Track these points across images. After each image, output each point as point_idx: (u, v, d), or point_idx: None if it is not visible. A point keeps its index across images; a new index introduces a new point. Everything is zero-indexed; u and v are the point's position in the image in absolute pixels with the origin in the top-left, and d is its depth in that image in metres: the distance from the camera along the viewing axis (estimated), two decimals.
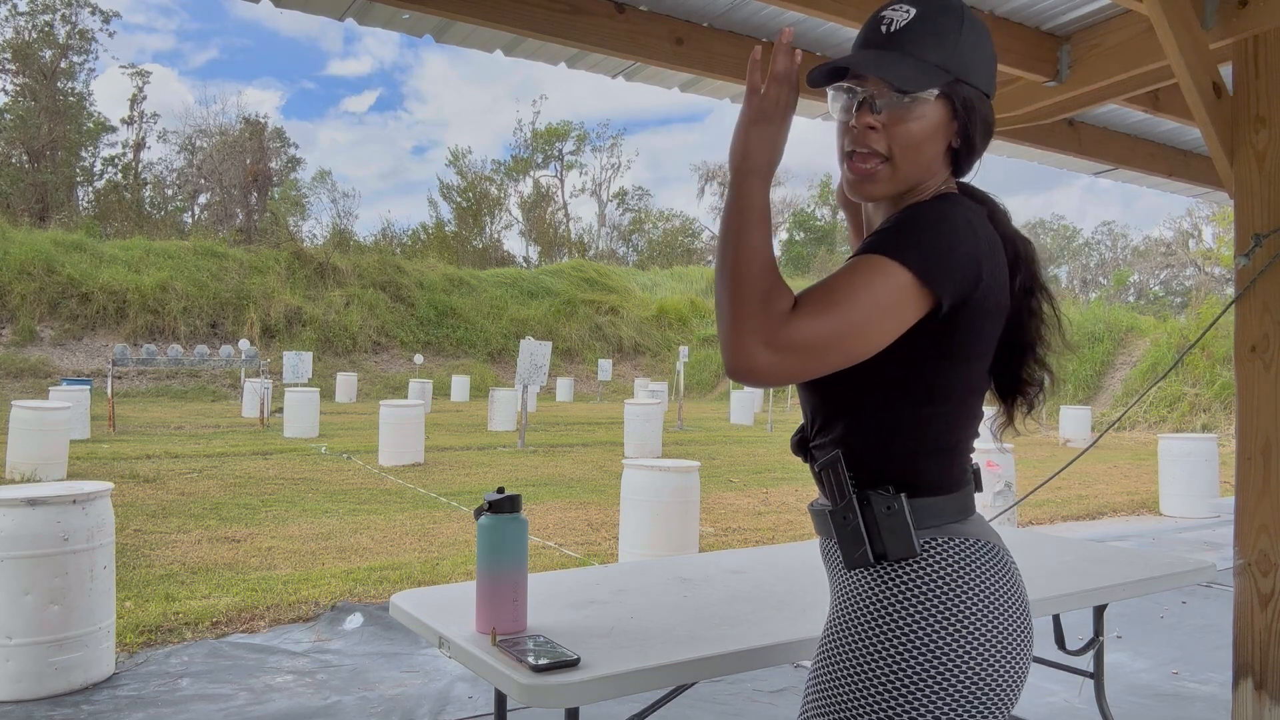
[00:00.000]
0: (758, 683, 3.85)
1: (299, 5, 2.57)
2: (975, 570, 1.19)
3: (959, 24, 1.22)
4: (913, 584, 1.18)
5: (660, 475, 5.68)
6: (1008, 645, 1.18)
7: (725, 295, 1.13)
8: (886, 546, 1.19)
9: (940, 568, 1.18)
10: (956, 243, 1.17)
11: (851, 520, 1.21)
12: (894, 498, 1.19)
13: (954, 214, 1.19)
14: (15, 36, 41.16)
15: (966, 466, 1.28)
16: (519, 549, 1.72)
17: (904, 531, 1.19)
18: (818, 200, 61.40)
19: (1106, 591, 2.27)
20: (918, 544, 1.19)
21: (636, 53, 2.90)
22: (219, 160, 47.72)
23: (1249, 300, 2.60)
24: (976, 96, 1.25)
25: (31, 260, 26.93)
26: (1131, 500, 10.05)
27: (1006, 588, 1.21)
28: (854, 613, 1.22)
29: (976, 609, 1.17)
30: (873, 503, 1.20)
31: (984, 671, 1.15)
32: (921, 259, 1.14)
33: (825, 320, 1.11)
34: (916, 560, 1.19)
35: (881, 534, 1.20)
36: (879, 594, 1.20)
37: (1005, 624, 1.18)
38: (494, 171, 57.65)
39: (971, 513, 1.27)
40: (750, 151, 1.17)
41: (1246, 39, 2.63)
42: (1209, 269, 37.16)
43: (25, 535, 3.54)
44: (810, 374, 1.13)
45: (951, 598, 1.17)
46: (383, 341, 32.34)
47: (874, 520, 1.20)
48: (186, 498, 8.74)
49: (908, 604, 1.17)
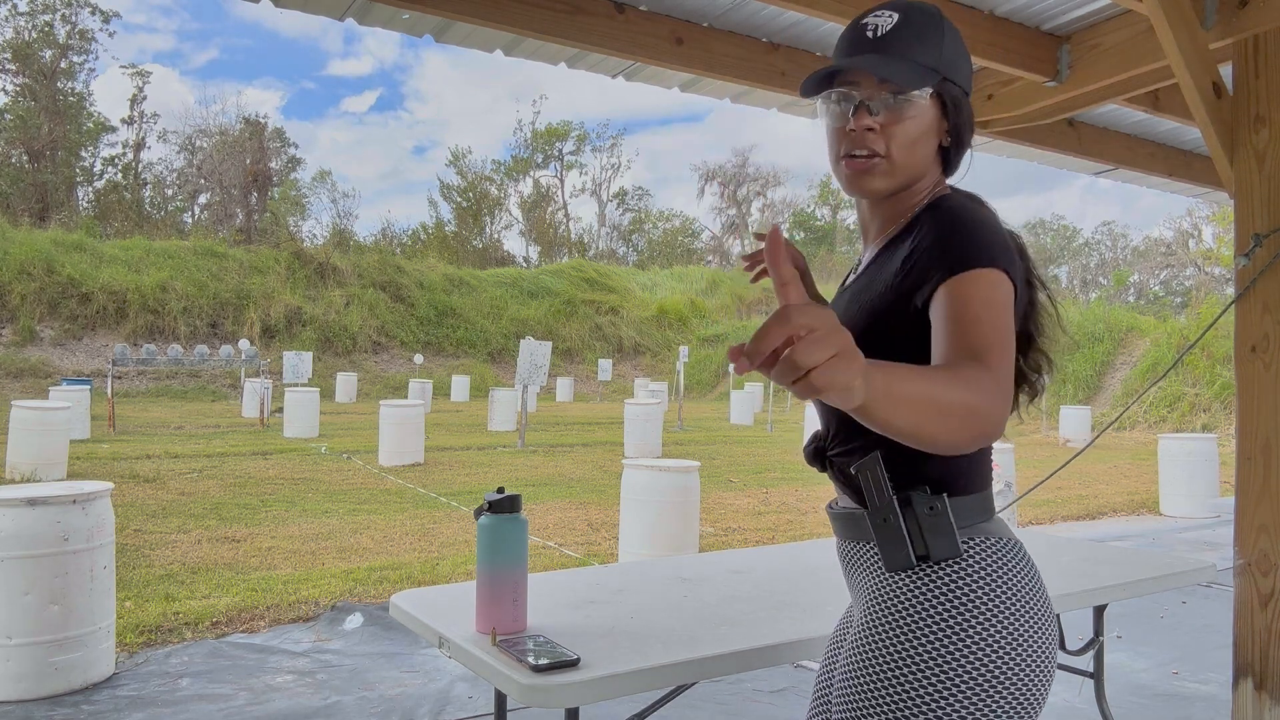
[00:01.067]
0: (758, 683, 3.85)
1: (299, 5, 2.57)
2: (1010, 570, 1.20)
3: (940, 26, 1.26)
4: (954, 585, 1.18)
5: (660, 475, 5.68)
6: (1043, 643, 1.19)
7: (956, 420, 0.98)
8: (930, 548, 1.19)
9: (978, 568, 1.19)
10: (1003, 237, 1.21)
11: (893, 522, 1.20)
12: (936, 498, 1.19)
13: (984, 212, 1.24)
14: (15, 36, 41.16)
15: (990, 464, 1.30)
16: (519, 549, 1.72)
17: (948, 532, 1.18)
18: (818, 200, 61.40)
19: (1106, 591, 2.27)
20: (960, 544, 1.19)
21: (636, 53, 2.90)
22: (219, 160, 47.71)
23: (1249, 300, 2.60)
24: (961, 95, 1.29)
25: (31, 260, 26.92)
26: (1131, 500, 10.05)
27: (1036, 586, 1.23)
28: (893, 616, 1.21)
29: (1014, 609, 1.18)
30: (914, 503, 1.20)
31: (1023, 670, 1.16)
32: (1002, 257, 1.16)
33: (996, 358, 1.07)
34: (958, 561, 1.19)
35: (925, 535, 1.19)
36: (919, 596, 1.19)
37: (1039, 622, 1.20)
38: (494, 171, 57.67)
39: (995, 511, 1.28)
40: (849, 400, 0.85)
41: (1246, 39, 2.63)
42: (1209, 269, 37.16)
43: (25, 535, 3.54)
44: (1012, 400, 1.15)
45: (991, 598, 1.17)
46: (383, 341, 32.33)
47: (915, 521, 1.20)
48: (186, 498, 8.74)
49: (950, 605, 1.17)
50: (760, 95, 3.38)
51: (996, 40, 3.01)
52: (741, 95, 3.39)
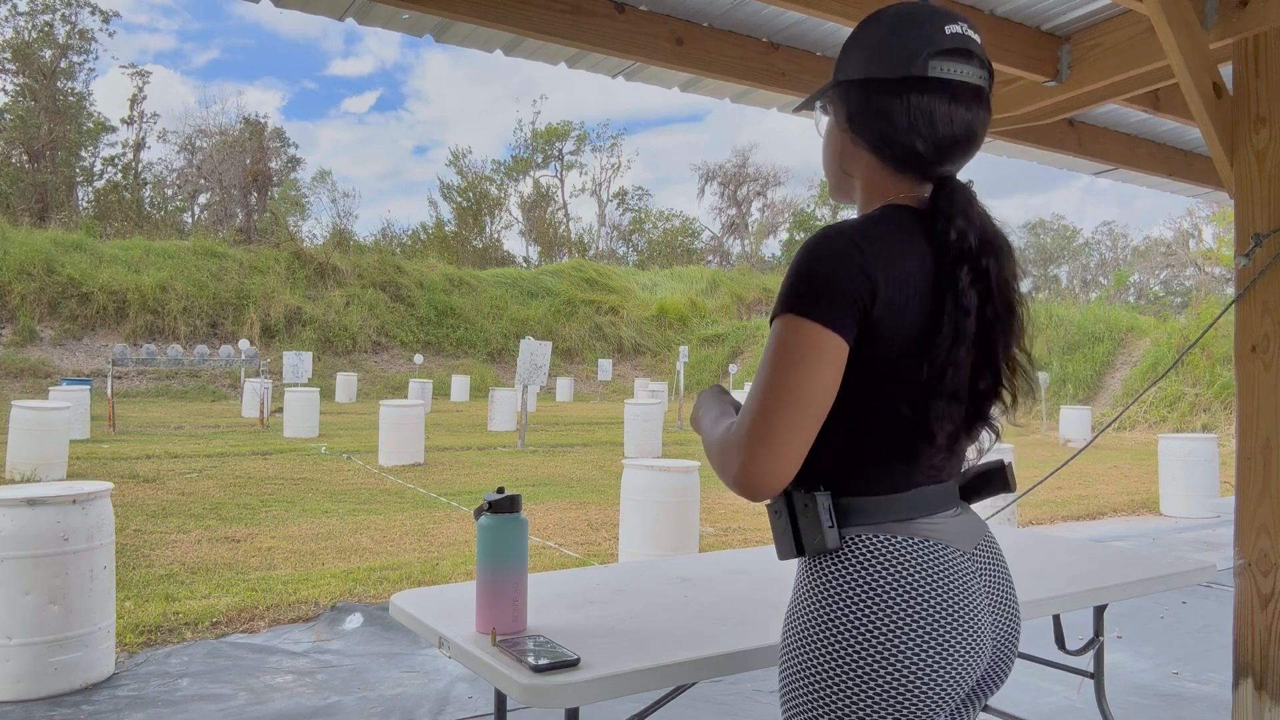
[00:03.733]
0: (758, 683, 3.85)
1: (299, 5, 2.57)
2: (900, 564, 1.20)
3: (863, 29, 1.26)
4: (834, 576, 1.22)
5: (660, 475, 5.68)
6: (930, 639, 1.17)
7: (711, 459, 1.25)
8: (804, 542, 1.25)
9: (861, 561, 1.21)
10: (823, 277, 1.15)
11: (781, 517, 1.27)
12: (808, 496, 1.23)
13: (822, 247, 1.17)
14: (15, 36, 41.17)
15: (915, 471, 1.25)
16: (519, 549, 1.72)
17: (816, 529, 1.23)
18: (818, 200, 61.36)
19: (1106, 591, 2.27)
20: (834, 539, 1.22)
21: (636, 53, 2.90)
22: (219, 160, 47.72)
23: (1249, 300, 2.60)
24: (855, 86, 1.25)
25: (31, 260, 26.92)
26: (1131, 500, 10.05)
27: (936, 583, 1.19)
28: (793, 603, 1.29)
29: (896, 601, 1.18)
30: (794, 500, 1.25)
31: (900, 662, 1.16)
32: (803, 302, 1.16)
33: (749, 409, 1.17)
34: (839, 554, 1.23)
35: (800, 529, 1.25)
36: (807, 585, 1.26)
37: (930, 617, 1.18)
38: (494, 171, 57.70)
39: (923, 515, 1.24)
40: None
41: (1246, 39, 2.63)
42: (1209, 269, 37.17)
43: (25, 535, 3.54)
44: (785, 460, 1.16)
45: (870, 589, 1.19)
46: (383, 341, 32.33)
47: (792, 516, 1.26)
48: (186, 498, 8.74)
49: (829, 594, 1.21)
50: (760, 95, 3.38)
51: (996, 40, 3.01)
52: (741, 95, 3.39)
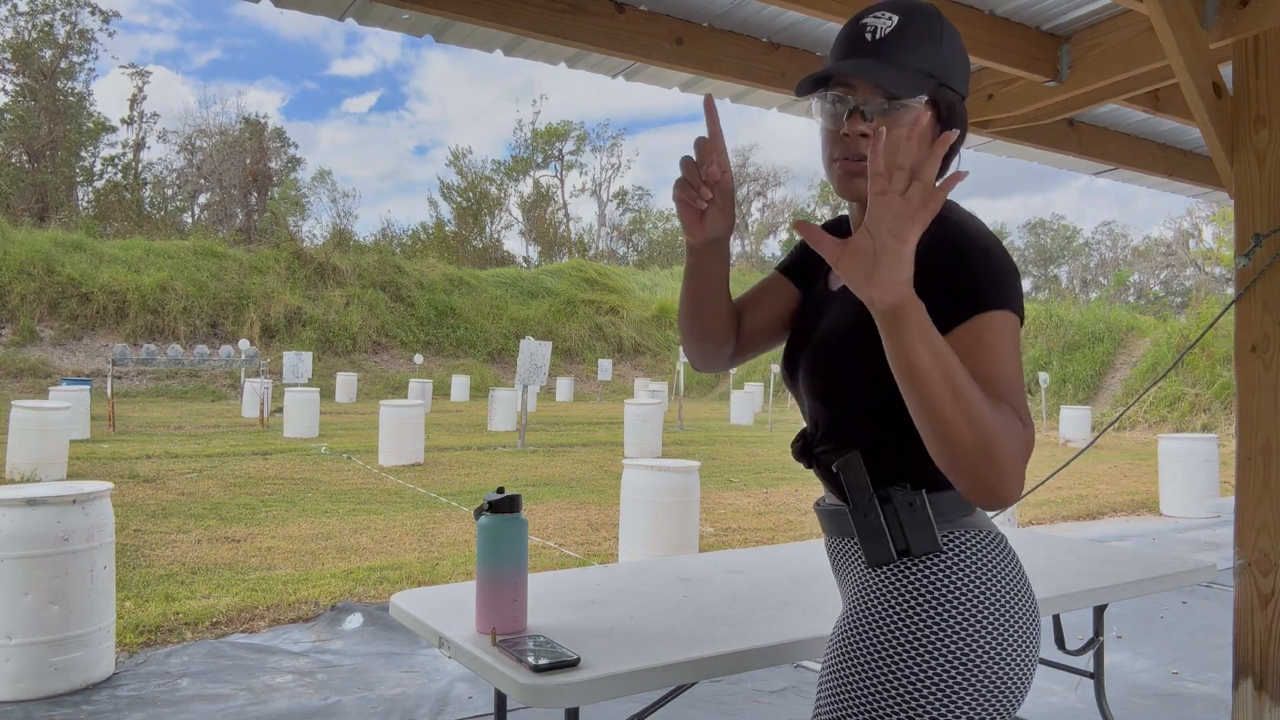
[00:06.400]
0: (758, 683, 3.85)
1: (298, 5, 2.57)
2: (991, 562, 1.22)
3: (939, 30, 1.24)
4: (934, 578, 1.19)
5: (660, 475, 5.68)
6: (1023, 634, 1.20)
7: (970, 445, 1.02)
8: (910, 542, 1.21)
9: (959, 561, 1.20)
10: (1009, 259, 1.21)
11: (873, 518, 1.23)
12: (915, 494, 1.21)
13: (990, 235, 1.23)
14: (15, 36, 41.17)
15: None
16: (519, 549, 1.72)
17: (926, 527, 1.21)
18: (818, 200, 61.35)
19: (1106, 591, 2.27)
20: (939, 538, 1.21)
21: (636, 53, 2.90)
22: (219, 160, 47.72)
23: (1249, 300, 2.60)
24: (956, 100, 1.27)
25: (31, 260, 26.92)
26: (1131, 500, 10.05)
27: (1017, 577, 1.24)
28: (875, 610, 1.22)
29: (995, 599, 1.19)
30: (894, 499, 1.22)
31: (1004, 661, 1.17)
32: (1019, 299, 1.17)
33: (1021, 406, 1.09)
34: (938, 555, 1.21)
35: (904, 530, 1.22)
36: (901, 590, 1.21)
37: (1019, 613, 1.21)
38: (494, 171, 57.72)
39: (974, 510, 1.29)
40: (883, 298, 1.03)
41: (1246, 39, 2.63)
42: (1209, 269, 37.17)
43: (25, 535, 3.54)
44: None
45: (971, 590, 1.19)
46: (383, 341, 32.34)
47: (895, 516, 1.22)
48: (186, 498, 8.74)
49: (930, 598, 1.18)
50: (760, 95, 3.38)
51: (996, 40, 3.01)
52: (741, 95, 3.39)
